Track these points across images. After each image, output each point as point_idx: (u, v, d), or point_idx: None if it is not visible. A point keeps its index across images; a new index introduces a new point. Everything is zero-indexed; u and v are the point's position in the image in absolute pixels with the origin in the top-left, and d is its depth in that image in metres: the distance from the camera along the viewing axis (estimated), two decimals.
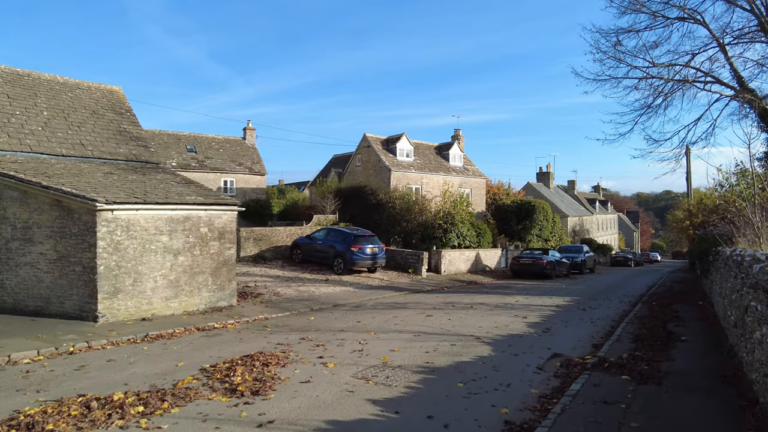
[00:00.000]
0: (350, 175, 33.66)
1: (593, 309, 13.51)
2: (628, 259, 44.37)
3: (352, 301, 14.08)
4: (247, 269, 18.78)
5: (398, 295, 15.65)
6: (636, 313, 12.67)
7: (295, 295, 14.57)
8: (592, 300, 15.57)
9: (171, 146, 33.25)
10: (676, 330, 10.24)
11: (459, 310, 12.52)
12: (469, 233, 24.98)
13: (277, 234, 22.40)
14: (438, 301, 14.38)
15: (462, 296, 15.67)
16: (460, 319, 11.13)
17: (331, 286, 16.70)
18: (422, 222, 24.28)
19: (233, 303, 12.65)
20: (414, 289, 17.16)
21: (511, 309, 13.00)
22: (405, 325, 10.35)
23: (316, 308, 12.66)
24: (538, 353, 8.15)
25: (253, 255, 21.29)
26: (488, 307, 13.15)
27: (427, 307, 12.91)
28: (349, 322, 10.58)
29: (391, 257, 22.25)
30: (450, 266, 23.21)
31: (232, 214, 12.77)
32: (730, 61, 15.51)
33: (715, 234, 13.90)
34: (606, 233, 61.59)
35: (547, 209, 33.75)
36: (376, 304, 13.52)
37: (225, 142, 36.47)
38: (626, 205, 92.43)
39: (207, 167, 33.35)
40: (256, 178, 35.32)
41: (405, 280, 19.41)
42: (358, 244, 18.84)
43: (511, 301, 14.78)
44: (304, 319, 11.11)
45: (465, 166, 36.32)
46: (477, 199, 35.83)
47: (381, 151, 31.55)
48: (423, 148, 35.30)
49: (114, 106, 16.58)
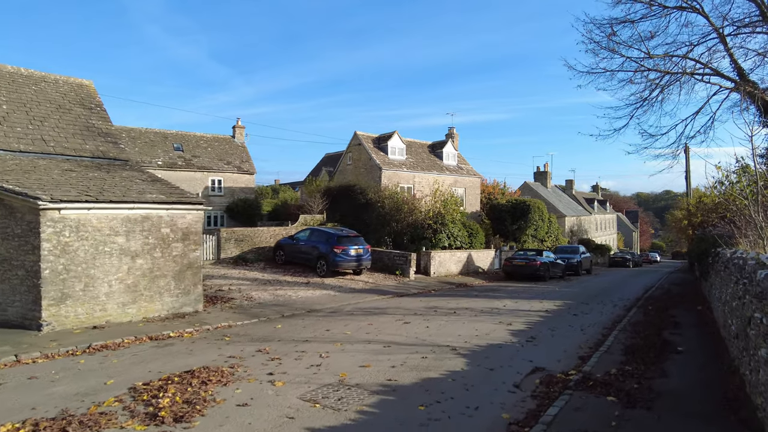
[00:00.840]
0: (341, 174, 32.86)
1: (585, 314, 12.70)
2: (626, 260, 43.57)
3: (330, 305, 13.26)
4: (225, 271, 17.97)
5: (380, 299, 14.83)
6: (630, 318, 11.86)
7: (269, 300, 13.77)
8: (585, 304, 14.75)
9: (157, 145, 32.45)
10: (673, 339, 9.42)
11: (440, 316, 11.71)
12: (461, 233, 24.16)
13: (259, 234, 21.59)
14: (421, 305, 13.56)
15: (447, 300, 14.86)
16: (439, 327, 10.31)
17: (311, 289, 15.88)
18: (412, 222, 23.47)
19: (199, 309, 11.83)
20: (398, 293, 16.34)
21: (497, 314, 12.18)
22: (378, 333, 9.53)
23: (288, 314, 11.84)
24: (518, 367, 7.33)
25: (234, 257, 20.48)
26: (472, 313, 12.34)
27: (407, 313, 12.09)
28: (317, 331, 9.76)
29: (378, 259, 21.44)
30: (440, 268, 22.40)
31: (197, 213, 11.95)
32: (730, 51, 14.70)
33: (714, 234, 13.09)
34: (605, 233, 60.76)
35: (543, 209, 32.94)
36: (354, 310, 12.70)
37: (213, 140, 35.66)
38: (625, 205, 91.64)
39: (194, 166, 32.55)
40: (244, 177, 34.50)
41: (391, 283, 18.59)
42: (341, 245, 18.02)
43: (499, 305, 13.97)
44: (270, 326, 10.29)
45: (459, 164, 35.51)
46: (471, 199, 35.02)
47: (372, 149, 30.73)
48: (416, 147, 34.48)
49: (83, 101, 15.76)
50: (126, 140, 31.49)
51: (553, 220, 35.66)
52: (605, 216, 62.86)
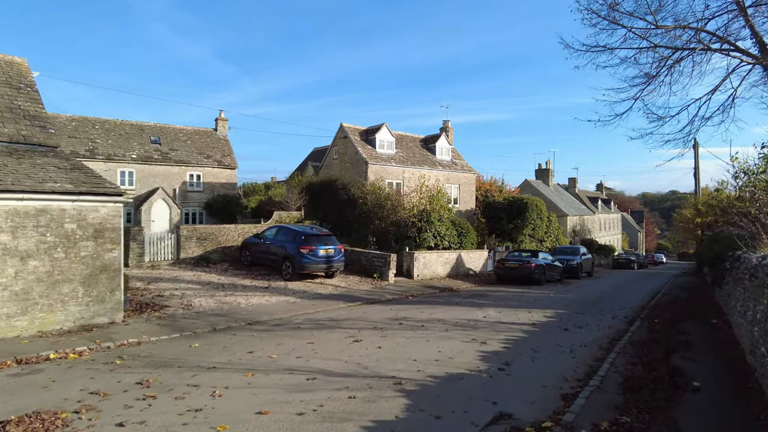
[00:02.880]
0: (327, 168, 30.93)
1: (578, 328, 10.71)
2: (631, 261, 41.45)
3: (279, 316, 11.34)
4: (179, 274, 16.09)
5: (344, 308, 12.90)
6: (632, 335, 9.86)
7: (212, 308, 11.86)
8: (580, 315, 12.76)
9: (133, 137, 30.66)
10: (685, 366, 7.44)
11: (404, 331, 9.76)
12: (449, 233, 22.18)
13: (226, 233, 19.70)
14: (387, 316, 11.61)
15: (422, 309, 12.90)
16: (395, 348, 8.37)
17: (269, 295, 13.97)
18: (395, 220, 21.51)
19: (117, 319, 9.94)
20: (370, 299, 14.40)
21: (472, 329, 10.22)
22: (311, 357, 7.60)
23: (222, 327, 9.93)
24: (475, 413, 5.39)
25: (196, 257, 18.61)
26: (444, 327, 10.38)
27: (365, 327, 10.15)
28: (238, 353, 7.84)
29: (356, 260, 19.51)
30: (425, 270, 20.44)
31: (114, 206, 10.04)
32: (750, 23, 12.65)
33: (733, 235, 11.07)
34: (609, 233, 58.56)
35: (542, 207, 30.89)
36: (304, 322, 10.78)
37: (194, 133, 33.83)
38: (631, 205, 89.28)
39: (171, 160, 30.72)
40: (225, 172, 32.65)
41: (365, 288, 16.64)
42: (308, 245, 16.09)
43: (479, 315, 12.00)
44: (185, 345, 8.38)
45: (453, 160, 33.50)
46: (466, 196, 33.02)
47: (359, 142, 28.78)
48: (407, 141, 32.51)
49: (11, 80, 13.86)
50: (100, 132, 29.79)
51: (553, 219, 33.60)
52: (609, 216, 60.64)
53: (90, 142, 28.48)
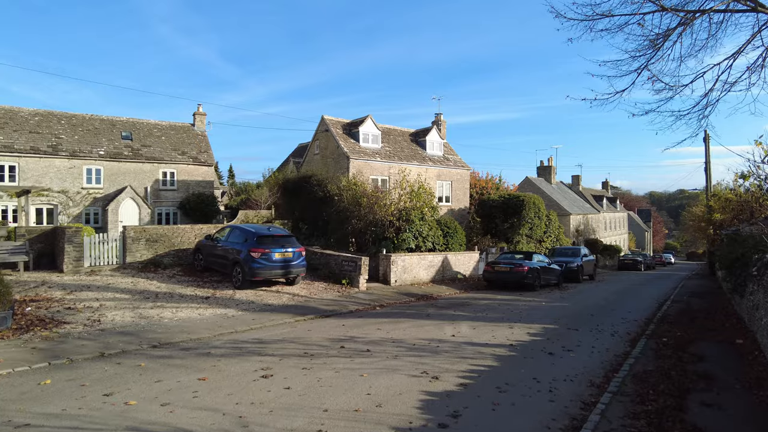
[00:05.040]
0: (308, 164, 28.85)
1: (567, 352, 8.52)
2: (637, 262, 39.07)
3: (200, 336, 9.24)
4: (114, 281, 14.05)
5: (288, 323, 10.78)
6: (634, 364, 7.66)
7: (124, 324, 9.80)
8: (573, 330, 10.56)
9: (102, 133, 28.75)
10: (707, 416, 5.25)
11: (339, 359, 7.63)
12: (432, 233, 20.01)
13: (180, 234, 17.64)
14: (332, 335, 9.48)
15: (381, 324, 10.75)
16: (311, 387, 6.23)
17: (207, 307, 11.89)
18: (373, 220, 19.36)
19: None
20: (327, 312, 12.27)
21: (430, 354, 8.06)
22: (185, 403, 5.49)
23: (113, 352, 7.84)
24: None
25: (145, 261, 16.57)
26: (396, 351, 8.23)
27: (293, 353, 8.03)
28: (87, 396, 5.74)
29: (326, 263, 17.40)
30: (404, 275, 18.28)
31: None
32: None
33: (762, 234, 8.84)
34: (614, 233, 56.08)
35: (540, 205, 28.63)
36: (223, 344, 8.66)
37: (169, 128, 31.88)
38: (638, 204, 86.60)
39: (142, 156, 28.78)
40: (201, 170, 30.66)
41: (329, 296, 14.51)
42: (261, 248, 13.97)
43: (447, 333, 9.84)
44: (34, 381, 6.28)
45: (445, 155, 31.34)
46: (459, 194, 30.85)
47: (340, 135, 26.69)
48: (395, 135, 30.38)
49: None
50: (66, 127, 27.87)
51: (554, 218, 31.32)
52: (615, 214, 58.16)
53: (54, 138, 26.57)
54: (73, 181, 26.16)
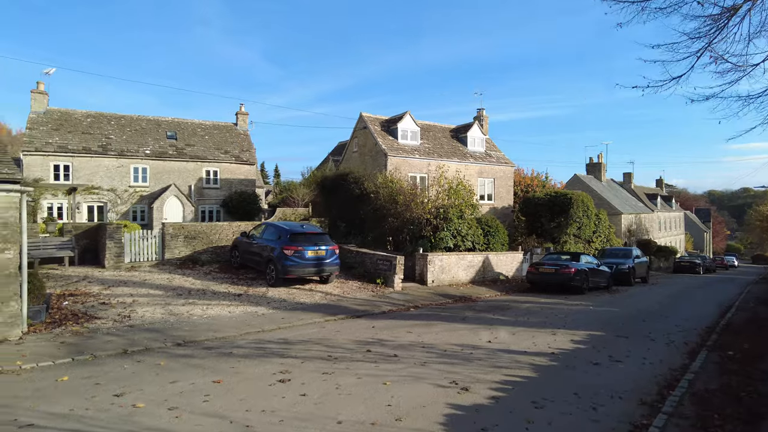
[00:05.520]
0: (346, 162, 28.65)
1: (615, 363, 7.71)
2: (695, 265, 36.59)
3: (226, 334, 9.05)
4: (151, 277, 14.22)
5: (317, 323, 10.45)
6: (694, 380, 6.79)
7: (153, 321, 9.77)
8: (623, 338, 9.66)
9: (148, 133, 29.66)
10: None
11: (364, 364, 7.18)
12: (472, 232, 19.26)
13: (218, 231, 17.76)
14: (360, 337, 9.05)
15: (413, 327, 10.23)
16: (328, 394, 5.82)
17: (238, 305, 11.76)
18: (410, 218, 18.84)
19: (11, 335, 7.97)
20: (358, 312, 11.88)
21: (462, 362, 7.47)
22: (194, 408, 5.19)
23: (136, 349, 7.73)
24: None
25: (183, 257, 16.76)
26: (425, 357, 7.70)
27: (316, 355, 7.65)
28: (98, 396, 5.55)
29: (360, 262, 17.04)
30: (442, 275, 17.65)
31: (7, 197, 8.06)
32: None
33: None
34: (670, 234, 52.97)
35: (589, 203, 27.18)
36: (247, 344, 8.41)
37: (213, 128, 32.54)
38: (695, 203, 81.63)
39: (186, 155, 29.48)
40: (243, 168, 31.07)
41: (363, 296, 14.12)
42: (294, 245, 13.75)
43: (483, 339, 9.20)
44: (52, 377, 6.19)
45: (488, 151, 30.37)
46: (502, 192, 29.83)
47: (378, 133, 26.31)
48: (435, 131, 29.71)
49: None
50: (115, 128, 28.94)
51: (603, 217, 29.70)
52: (670, 214, 54.92)
53: (104, 138, 27.63)
54: (121, 179, 27.10)
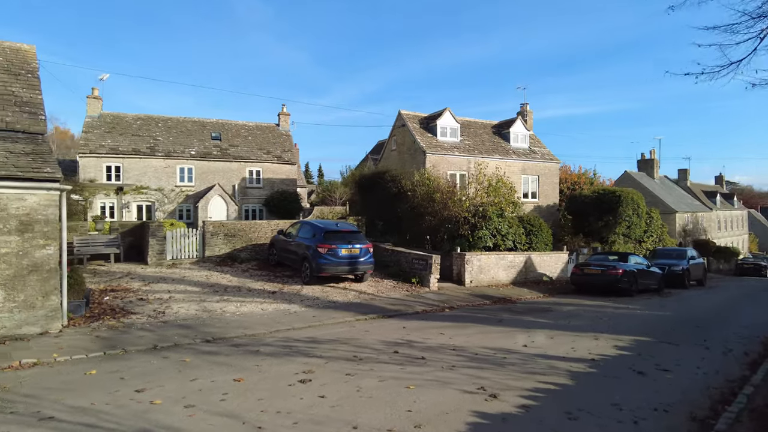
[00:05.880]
0: (385, 161, 28.50)
1: (661, 372, 7.09)
2: (760, 267, 34.05)
3: (255, 332, 9.04)
4: (190, 273, 14.53)
5: (348, 322, 10.29)
6: (754, 395, 6.11)
7: (187, 317, 9.91)
8: (672, 345, 8.93)
9: (194, 134, 30.62)
10: None
11: (389, 366, 6.93)
12: (513, 231, 18.60)
13: (257, 229, 18.00)
14: (389, 338, 8.81)
15: (445, 329, 9.89)
16: (348, 397, 5.60)
17: (271, 302, 11.79)
18: (447, 216, 18.42)
19: (52, 328, 8.25)
20: (390, 312, 11.65)
21: (493, 367, 7.08)
22: (209, 407, 5.11)
23: (165, 345, 7.82)
24: None
25: (223, 255, 17.09)
26: (454, 360, 7.35)
27: (342, 355, 7.46)
28: (120, 391, 5.57)
29: (396, 261, 16.80)
30: (481, 275, 17.13)
31: (47, 195, 8.35)
32: None
33: None
34: (731, 234, 49.67)
35: (639, 201, 25.77)
36: (274, 342, 8.35)
37: (256, 129, 33.20)
38: (761, 201, 76.20)
39: (230, 156, 30.23)
40: (285, 168, 31.52)
41: (397, 295, 13.87)
42: (327, 243, 13.68)
43: (518, 343, 8.74)
44: (81, 371, 6.31)
45: (532, 147, 29.40)
46: (547, 189, 28.81)
47: (417, 130, 25.99)
48: (476, 127, 29.06)
49: (12, 67, 13.08)
50: (162, 129, 30.05)
51: (656, 216, 28.11)
52: (731, 213, 51.51)
53: (152, 140, 28.72)
54: (168, 179, 28.08)
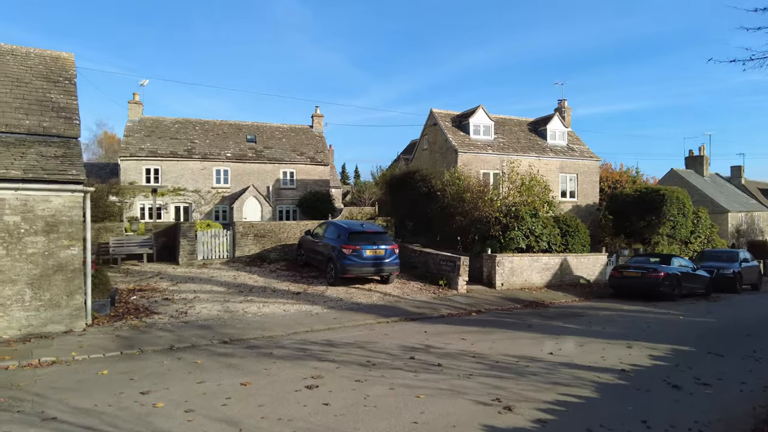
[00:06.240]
0: (417, 161, 28.14)
1: (699, 386, 6.49)
2: None
3: (273, 333, 8.96)
4: (218, 273, 14.71)
5: (369, 325, 10.09)
6: None
7: (208, 317, 9.96)
8: (715, 355, 8.22)
9: (230, 136, 31.24)
10: None
11: (402, 372, 6.66)
12: (547, 231, 17.87)
13: (287, 230, 18.08)
14: (407, 342, 8.52)
15: (468, 334, 9.51)
16: (353, 405, 5.38)
17: (294, 303, 11.73)
18: (478, 217, 17.92)
19: (76, 327, 8.44)
20: (414, 315, 11.36)
21: (513, 376, 6.68)
22: (209, 412, 4.99)
23: (182, 346, 7.84)
24: None
25: (253, 255, 17.25)
26: (472, 368, 7.00)
27: (356, 360, 7.25)
28: (125, 392, 5.56)
29: (424, 262, 16.47)
30: (513, 277, 16.54)
31: (71, 197, 8.55)
32: None
33: None
34: None
35: (685, 200, 24.33)
36: (291, 344, 8.23)
37: (290, 130, 33.56)
38: None
39: (264, 157, 30.65)
40: (318, 169, 31.67)
41: (422, 298, 13.55)
42: (352, 244, 13.52)
43: (544, 350, 8.27)
44: (93, 371, 6.37)
45: (570, 145, 28.35)
46: (586, 188, 27.70)
47: (449, 128, 25.52)
48: (510, 125, 28.28)
49: (51, 74, 13.62)
50: (199, 132, 30.82)
51: (704, 215, 26.49)
52: None
53: (189, 143, 29.49)
54: (204, 181, 28.74)
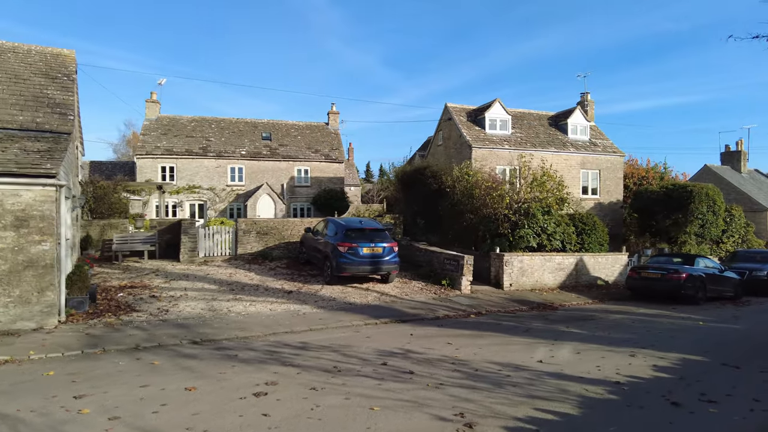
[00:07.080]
0: (431, 156, 27.48)
1: (703, 404, 5.69)
2: None
3: (250, 334, 8.55)
4: (215, 271, 14.46)
5: (355, 326, 9.56)
6: None
7: (189, 316, 9.64)
8: (730, 368, 7.34)
9: (245, 134, 31.23)
10: None
11: (366, 380, 6.11)
12: (561, 230, 16.95)
13: (290, 227, 17.74)
14: (387, 346, 7.95)
15: (456, 337, 8.87)
16: (290, 419, 4.86)
17: (283, 302, 11.32)
18: (487, 214, 17.16)
19: (47, 324, 8.23)
20: (408, 316, 10.78)
21: (488, 386, 6.03)
22: (128, 419, 4.56)
23: (148, 346, 7.50)
24: None
25: (255, 253, 16.98)
26: (447, 376, 6.39)
27: (323, 365, 6.73)
28: (58, 395, 5.20)
29: (428, 261, 15.85)
30: (523, 278, 15.73)
31: (42, 191, 8.32)
32: None
33: None
34: None
35: (716, 197, 22.87)
36: (262, 346, 7.78)
37: (305, 128, 33.34)
38: None
39: (279, 155, 30.50)
40: (333, 166, 31.32)
41: (421, 298, 12.94)
42: (348, 242, 13.02)
43: (534, 357, 7.56)
44: (39, 372, 6.06)
45: (592, 139, 27.15)
46: (610, 184, 26.48)
47: (463, 123, 24.75)
48: (530, 119, 27.27)
49: (50, 71, 13.67)
50: (215, 130, 30.91)
51: (738, 213, 24.90)
52: None
53: (204, 140, 29.59)
54: (219, 178, 28.79)
